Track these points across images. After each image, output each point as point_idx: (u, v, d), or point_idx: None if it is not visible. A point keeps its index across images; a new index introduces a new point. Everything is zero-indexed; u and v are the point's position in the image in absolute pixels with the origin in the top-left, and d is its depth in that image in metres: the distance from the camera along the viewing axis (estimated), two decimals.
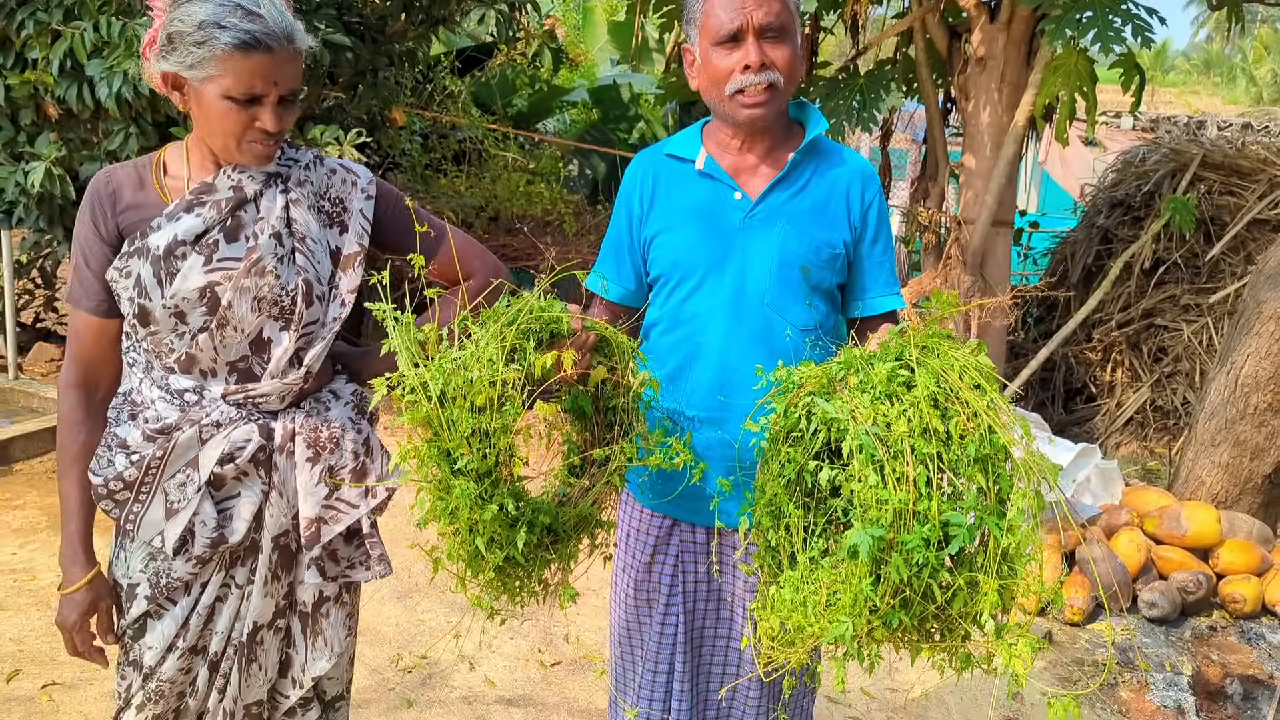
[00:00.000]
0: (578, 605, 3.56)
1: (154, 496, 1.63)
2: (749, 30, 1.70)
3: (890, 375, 1.42)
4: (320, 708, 1.86)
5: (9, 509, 4.08)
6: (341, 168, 1.74)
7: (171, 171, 1.66)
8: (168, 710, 1.72)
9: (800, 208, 1.81)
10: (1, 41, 4.53)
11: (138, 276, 1.59)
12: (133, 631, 1.70)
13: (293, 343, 1.64)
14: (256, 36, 1.51)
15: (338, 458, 1.70)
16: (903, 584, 1.39)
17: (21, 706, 2.85)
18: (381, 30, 5.15)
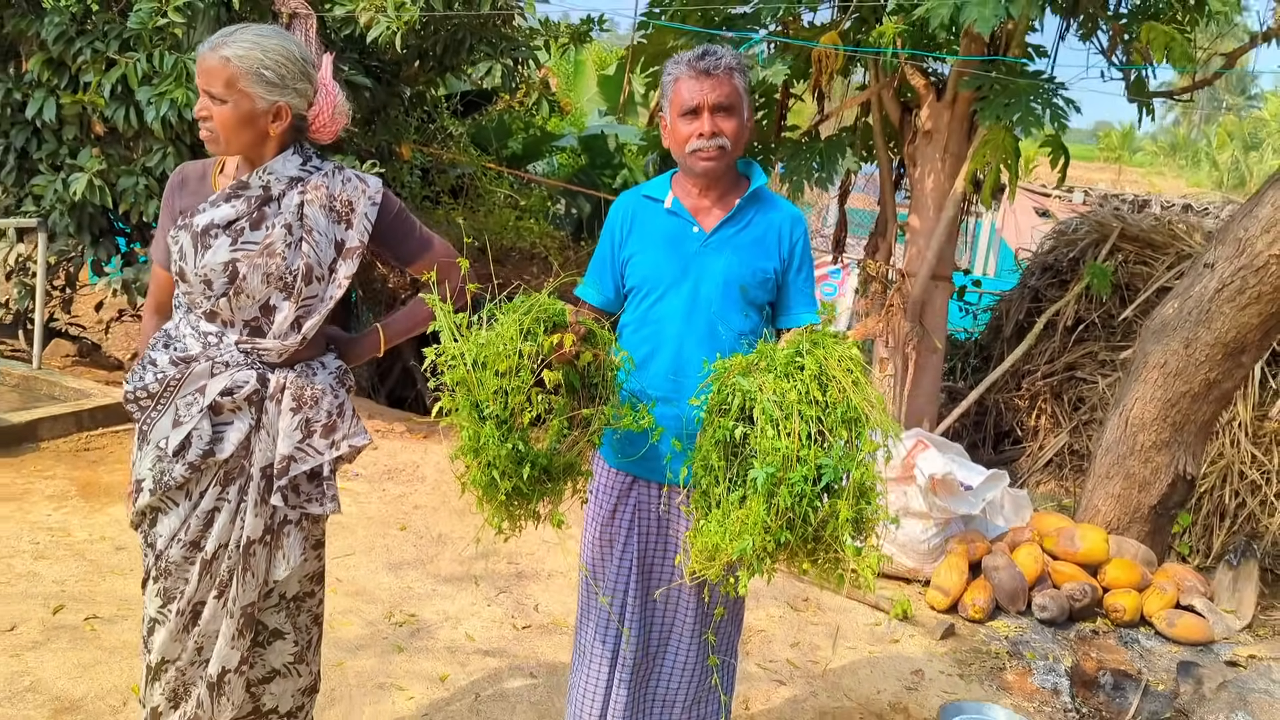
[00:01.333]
0: (545, 583, 4.10)
1: (167, 409, 2.16)
2: (705, 107, 2.30)
3: (788, 360, 2.00)
4: (286, 606, 2.36)
5: (41, 479, 4.56)
6: (356, 177, 2.27)
7: (227, 171, 2.22)
8: (175, 585, 2.24)
9: (743, 240, 2.40)
10: (58, 65, 5.07)
11: (181, 246, 2.15)
12: (148, 523, 2.24)
13: (293, 311, 2.17)
14: (208, 46, 2.13)
15: (314, 413, 2.23)
16: (788, 510, 1.94)
17: (68, 633, 3.33)
18: (396, 74, 5.74)
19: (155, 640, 2.29)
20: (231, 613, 2.25)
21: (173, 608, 2.26)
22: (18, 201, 5.70)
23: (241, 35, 2.11)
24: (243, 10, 4.77)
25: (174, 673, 2.29)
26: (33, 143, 5.54)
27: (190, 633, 2.27)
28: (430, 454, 5.46)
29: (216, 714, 2.30)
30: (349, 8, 4.96)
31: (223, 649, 2.26)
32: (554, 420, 2.18)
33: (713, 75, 2.31)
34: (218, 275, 2.13)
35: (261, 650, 2.36)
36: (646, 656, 2.55)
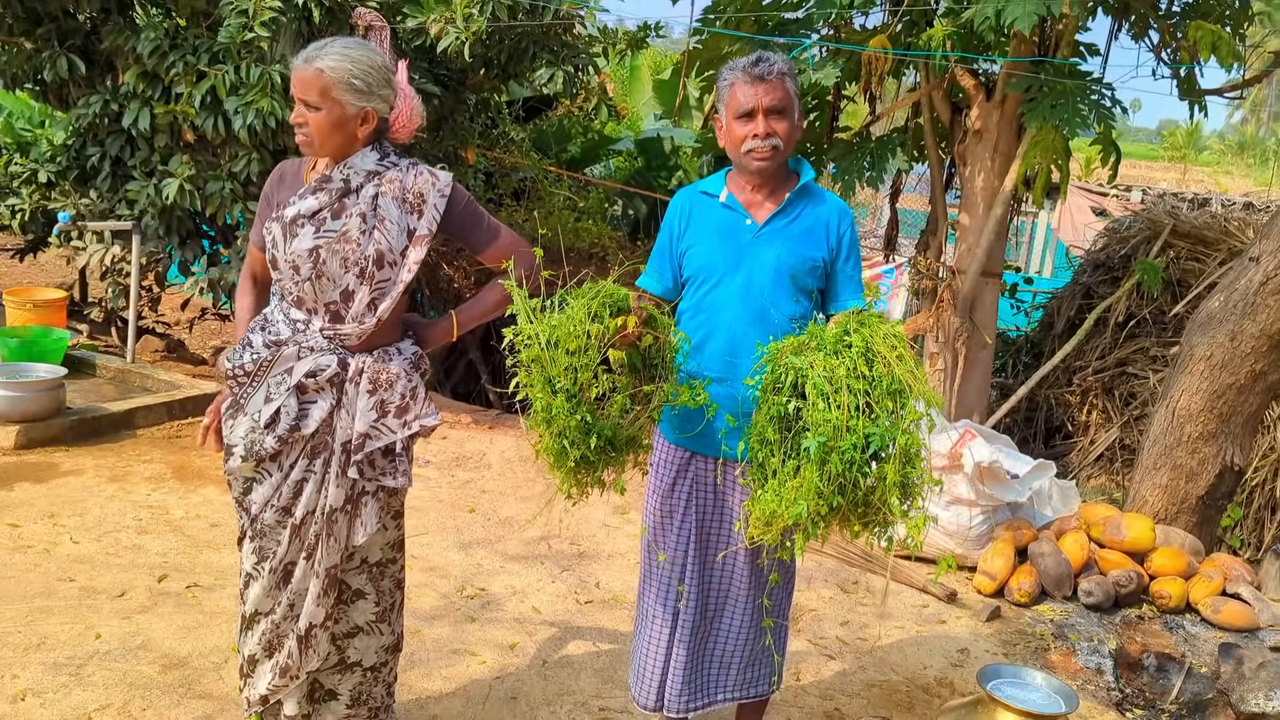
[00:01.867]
0: (605, 563, 4.33)
1: (261, 385, 2.43)
2: (759, 110, 2.50)
3: (836, 339, 2.19)
4: (368, 570, 2.61)
5: (140, 462, 4.90)
6: (428, 171, 2.51)
7: (318, 169, 2.48)
8: (269, 545, 2.51)
9: (793, 231, 2.60)
10: (152, 77, 5.43)
11: (274, 236, 2.43)
12: (241, 489, 2.51)
13: (368, 294, 2.42)
14: (300, 59, 2.39)
15: (389, 394, 2.47)
16: (839, 476, 2.13)
17: (172, 599, 3.64)
18: (463, 82, 6.02)
19: (250, 593, 2.55)
20: (317, 573, 2.50)
21: (266, 565, 2.52)
22: (112, 206, 6.08)
23: (332, 48, 2.36)
24: (322, 24, 5.07)
25: (268, 624, 2.56)
26: (126, 150, 5.92)
27: (283, 590, 2.54)
28: (495, 444, 5.73)
29: (304, 664, 2.56)
30: (420, 19, 5.24)
31: (310, 606, 2.51)
32: (618, 396, 2.40)
33: (766, 80, 2.52)
34: (303, 261, 2.39)
35: (345, 608, 2.62)
36: (704, 620, 2.76)
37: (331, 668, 2.64)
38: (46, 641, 3.28)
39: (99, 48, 5.74)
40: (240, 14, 4.93)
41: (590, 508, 4.94)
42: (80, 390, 5.58)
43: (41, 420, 4.95)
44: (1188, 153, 45.42)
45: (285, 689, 2.58)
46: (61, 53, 5.63)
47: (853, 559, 4.60)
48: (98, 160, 5.99)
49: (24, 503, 4.31)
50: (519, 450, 5.66)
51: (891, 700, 3.50)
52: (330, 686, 2.65)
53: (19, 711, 2.91)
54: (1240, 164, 46.22)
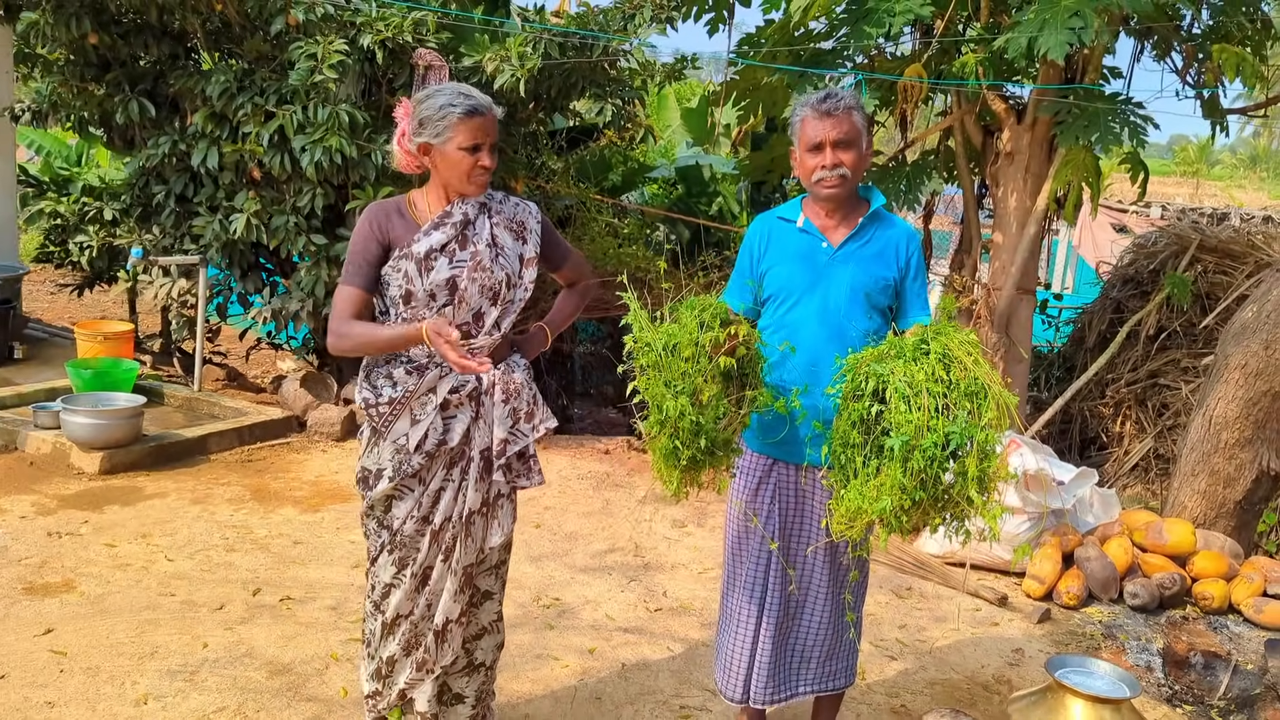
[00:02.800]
0: (670, 573, 4.51)
1: (404, 411, 2.63)
2: (827, 143, 2.72)
3: (914, 346, 2.40)
4: (496, 574, 2.85)
5: (219, 485, 5.13)
6: (521, 202, 2.78)
7: (419, 207, 2.69)
8: (409, 554, 2.71)
9: (866, 254, 2.81)
10: (220, 118, 5.70)
11: (406, 272, 2.60)
12: (383, 507, 2.71)
13: (496, 313, 2.65)
14: (474, 107, 2.57)
15: (519, 402, 2.70)
16: (921, 471, 2.32)
17: (269, 611, 3.85)
18: (513, 115, 6.28)
19: (391, 601, 2.76)
20: (455, 572, 2.72)
21: (407, 573, 2.73)
22: (174, 241, 6.35)
23: (481, 93, 2.61)
24: (385, 65, 5.34)
25: (408, 626, 2.76)
26: (190, 188, 6.19)
27: (421, 593, 2.75)
28: (551, 463, 5.93)
29: (439, 658, 2.77)
30: (476, 58, 5.50)
31: (447, 603, 2.73)
32: (722, 401, 2.59)
33: (834, 115, 2.74)
34: (441, 290, 2.60)
35: (475, 610, 2.83)
36: (787, 616, 2.95)
37: (460, 670, 2.85)
38: (159, 651, 3.49)
39: (165, 91, 6.03)
40: (309, 58, 5.20)
41: (652, 522, 5.15)
42: (151, 418, 5.82)
43: (123, 447, 5.19)
44: (1200, 167, 45.42)
45: (420, 683, 2.79)
46: (132, 97, 5.92)
47: (905, 566, 4.78)
48: (162, 198, 6.27)
49: (116, 524, 4.54)
50: (574, 469, 5.87)
51: (953, 697, 3.68)
52: (458, 690, 2.87)
53: (143, 714, 3.13)
54: (1253, 177, 46.15)
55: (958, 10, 5.67)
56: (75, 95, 6.14)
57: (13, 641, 3.47)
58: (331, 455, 5.74)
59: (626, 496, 5.49)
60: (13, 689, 3.19)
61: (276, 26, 5.50)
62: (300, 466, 5.51)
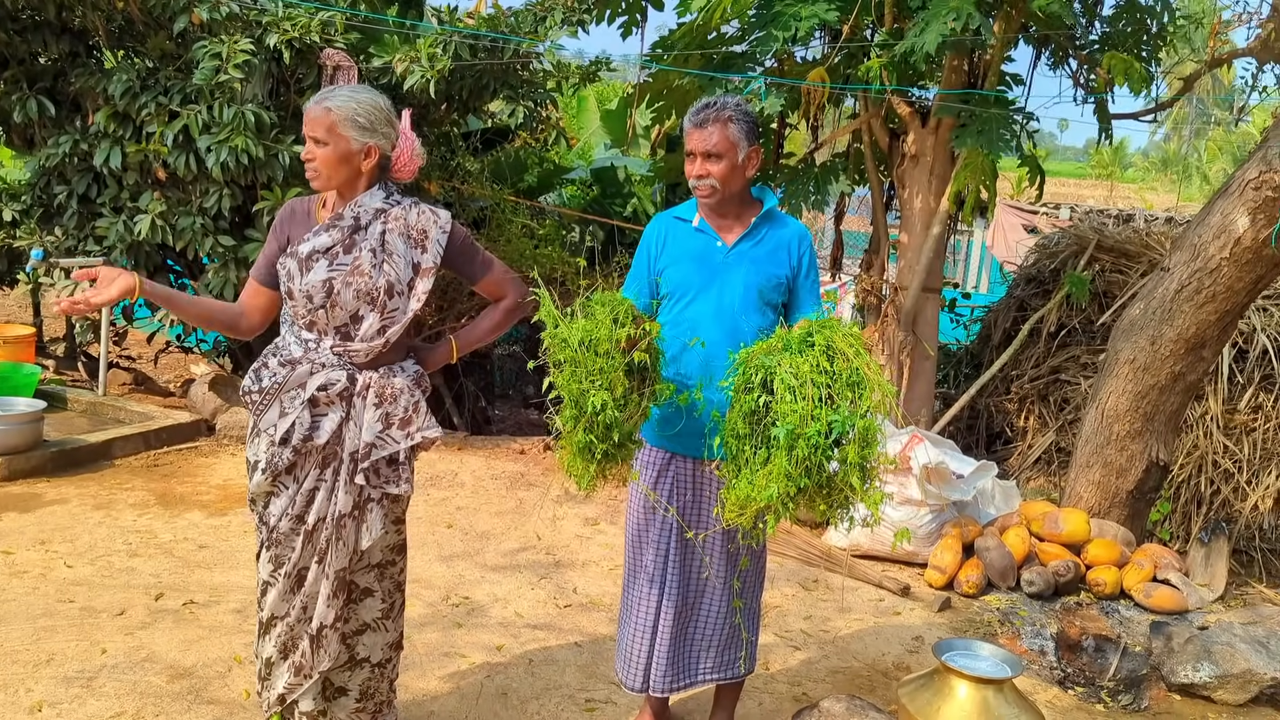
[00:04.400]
0: (581, 570, 4.55)
1: (275, 402, 2.65)
2: (698, 154, 2.81)
3: (800, 340, 2.48)
4: (375, 570, 2.83)
5: (123, 490, 5.03)
6: (430, 210, 2.76)
7: (327, 206, 2.71)
8: (284, 552, 2.71)
9: (759, 253, 2.89)
10: (123, 117, 5.59)
11: (289, 270, 2.64)
12: (263, 503, 2.72)
13: (378, 321, 2.65)
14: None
15: (393, 407, 2.70)
16: (805, 459, 2.40)
17: (171, 616, 3.80)
18: (425, 117, 6.26)
19: (267, 600, 2.76)
20: (328, 575, 2.71)
21: (281, 572, 2.73)
22: (77, 243, 6.20)
23: (340, 91, 2.62)
24: (292, 65, 5.28)
25: (283, 628, 2.75)
26: (94, 189, 6.06)
27: (296, 594, 2.74)
28: (465, 463, 5.93)
29: (316, 663, 2.76)
30: (386, 59, 5.48)
31: (321, 607, 2.72)
32: (633, 396, 2.62)
33: (704, 127, 2.83)
34: (317, 291, 2.61)
35: (355, 606, 2.83)
36: (686, 605, 3.01)
37: (342, 665, 2.84)
38: (55, 658, 3.43)
39: (67, 89, 5.89)
40: (214, 57, 5.13)
41: (565, 521, 5.18)
42: (54, 423, 5.68)
43: (23, 453, 5.06)
44: (1114, 170, 46.94)
45: (300, 687, 2.78)
46: (31, 95, 5.77)
47: (813, 559, 4.89)
48: (64, 199, 6.11)
49: (14, 531, 4.43)
50: (489, 469, 5.87)
51: (854, 684, 3.78)
52: (340, 684, 2.86)
53: None
54: (1164, 180, 47.77)
55: (863, 16, 5.81)
56: None
57: None
58: (240, 459, 5.66)
59: (540, 495, 5.52)
60: None
61: (180, 25, 5.41)
62: (208, 470, 5.43)
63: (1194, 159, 44.65)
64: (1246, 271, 4.58)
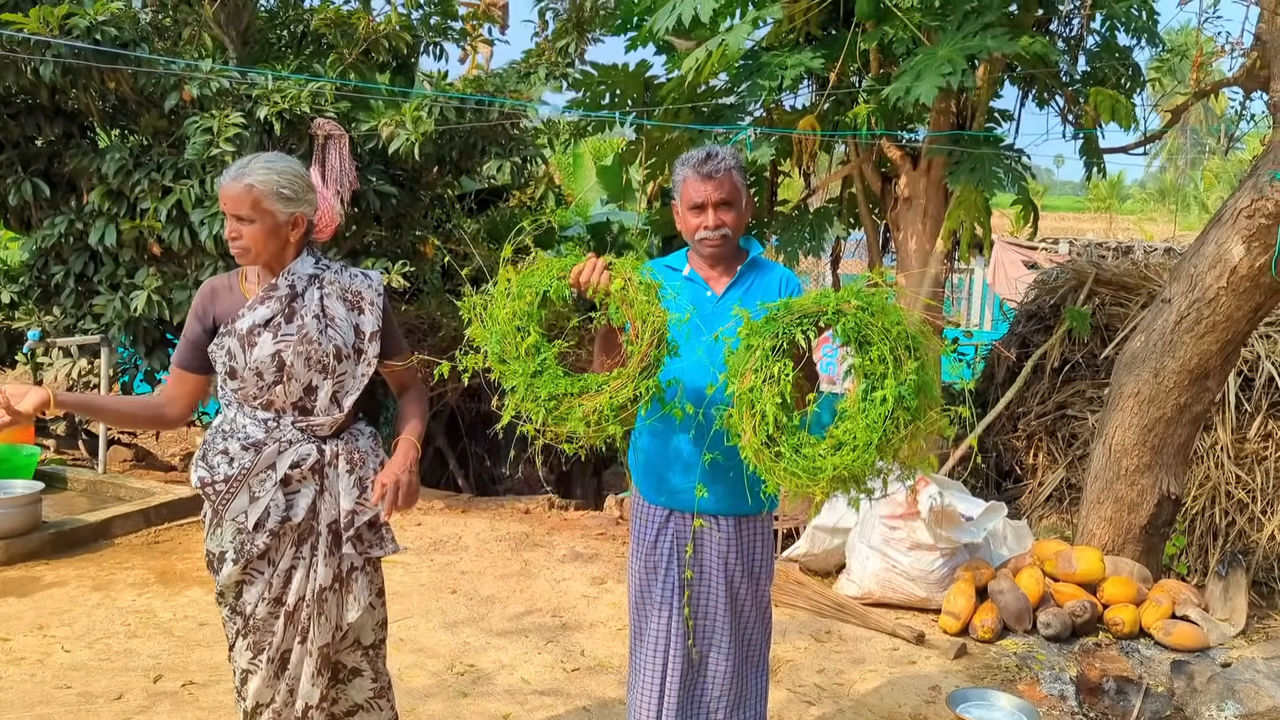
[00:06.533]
0: (589, 631, 4.46)
1: (242, 489, 2.56)
2: (709, 204, 2.78)
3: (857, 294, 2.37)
4: (363, 650, 2.76)
5: (122, 569, 4.97)
6: (361, 274, 2.73)
7: (250, 280, 2.64)
8: (263, 638, 2.63)
9: (747, 300, 2.86)
10: (117, 195, 5.63)
11: (229, 349, 2.56)
12: (233, 593, 2.63)
13: (330, 388, 2.60)
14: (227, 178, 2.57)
15: (364, 471, 2.66)
16: (898, 416, 2.24)
17: (169, 699, 3.72)
18: (418, 180, 6.30)
19: (250, 688, 2.68)
20: (310, 653, 2.64)
21: (263, 658, 2.65)
22: (75, 321, 6.21)
23: (255, 164, 2.53)
24: (283, 135, 5.33)
25: (269, 715, 2.68)
26: (90, 267, 6.08)
27: (281, 678, 2.67)
28: (469, 526, 5.87)
29: None
30: (372, 124, 5.52)
31: (305, 686, 2.66)
32: (558, 342, 2.49)
33: (715, 178, 2.80)
34: (267, 366, 2.54)
35: (344, 687, 2.76)
36: (692, 668, 2.94)
37: None
38: None
39: (62, 170, 5.94)
40: (205, 131, 5.17)
41: (571, 581, 5.10)
42: (54, 504, 5.64)
43: (21, 535, 5.02)
44: (1112, 203, 47.08)
45: None
46: (26, 177, 5.82)
47: (824, 610, 4.80)
48: (61, 278, 6.14)
49: (11, 617, 4.37)
50: (493, 531, 5.81)
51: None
52: None
53: None
54: (1163, 210, 47.86)
55: (848, 63, 5.86)
56: None
57: None
58: None
59: (546, 556, 5.44)
60: None
61: (172, 102, 5.47)
62: None
63: (1191, 189, 44.81)
64: (1245, 300, 4.54)
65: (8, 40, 5.04)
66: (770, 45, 6.44)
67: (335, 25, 6.07)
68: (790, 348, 2.35)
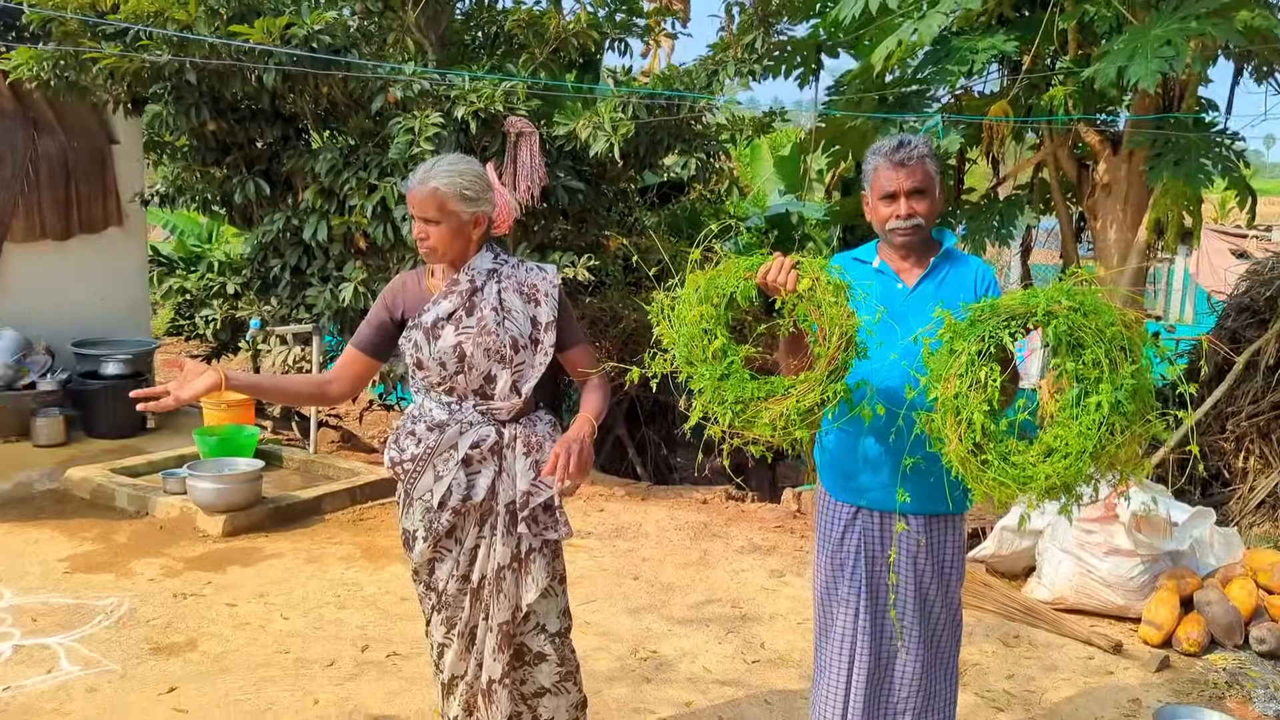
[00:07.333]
0: (769, 624, 4.49)
1: (427, 468, 2.70)
2: (901, 193, 2.74)
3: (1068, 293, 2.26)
4: (547, 635, 2.87)
5: (331, 544, 5.35)
6: (537, 268, 2.84)
7: (436, 275, 2.77)
8: (454, 613, 2.79)
9: (941, 293, 2.80)
10: (329, 193, 6.02)
11: (415, 341, 2.71)
12: (427, 570, 2.79)
13: (509, 377, 2.72)
14: (410, 184, 2.68)
15: (541, 455, 2.76)
16: (1118, 425, 2.12)
17: (375, 668, 3.99)
18: (603, 176, 6.45)
19: (445, 661, 2.86)
20: (491, 629, 2.79)
21: (455, 632, 2.82)
22: (290, 311, 6.69)
23: (439, 168, 2.66)
24: (478, 134, 5.57)
25: (464, 687, 2.85)
26: (304, 261, 6.54)
27: (471, 653, 2.83)
28: (649, 514, 5.99)
29: (490, 718, 2.82)
30: (569, 126, 5.69)
31: (488, 662, 2.80)
32: (743, 348, 2.49)
33: (907, 165, 2.76)
34: (449, 356, 2.69)
35: (530, 669, 2.88)
36: (879, 667, 2.92)
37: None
38: (273, 707, 3.65)
39: (280, 170, 6.40)
40: (407, 131, 5.47)
41: (750, 573, 5.14)
42: (271, 480, 6.10)
43: (244, 509, 5.46)
44: None
45: None
46: (249, 177, 6.31)
47: (1013, 614, 4.65)
48: (279, 271, 6.62)
49: (237, 585, 4.78)
50: (672, 519, 5.91)
51: None
52: None
53: None
54: None
55: (1044, 44, 5.62)
56: (198, 178, 6.57)
57: (138, 700, 3.67)
58: None
59: (724, 546, 5.50)
60: None
61: (377, 105, 5.80)
62: None
63: None
64: None
65: (235, 50, 5.48)
66: (959, 29, 6.25)
67: (528, 26, 6.28)
68: (997, 352, 2.29)
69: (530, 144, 5.58)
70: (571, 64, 6.82)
